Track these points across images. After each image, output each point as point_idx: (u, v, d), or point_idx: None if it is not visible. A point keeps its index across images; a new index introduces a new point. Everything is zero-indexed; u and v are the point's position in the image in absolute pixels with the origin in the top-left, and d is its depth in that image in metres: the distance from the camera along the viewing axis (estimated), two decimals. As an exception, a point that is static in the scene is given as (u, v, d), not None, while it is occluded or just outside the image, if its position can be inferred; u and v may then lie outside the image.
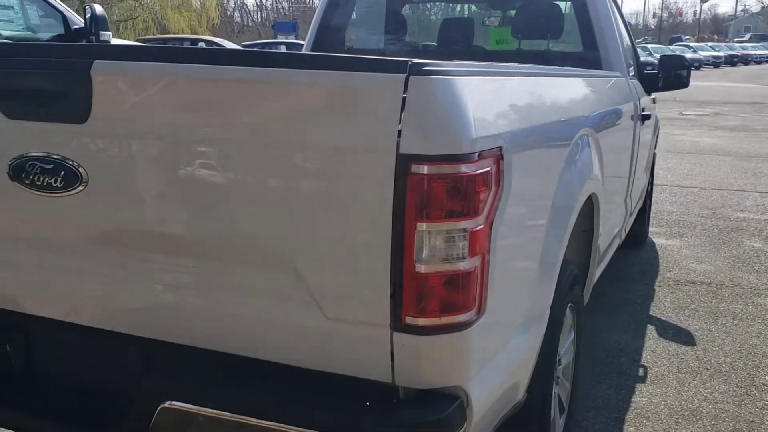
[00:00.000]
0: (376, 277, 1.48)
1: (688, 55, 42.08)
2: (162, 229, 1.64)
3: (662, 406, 3.14)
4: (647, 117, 4.04)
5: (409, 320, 1.49)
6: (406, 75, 1.44)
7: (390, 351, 1.51)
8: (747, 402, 3.19)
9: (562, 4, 3.91)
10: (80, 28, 5.25)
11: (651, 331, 4.00)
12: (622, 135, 3.41)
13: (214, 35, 31.87)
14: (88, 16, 5.17)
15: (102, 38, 5.18)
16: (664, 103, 20.23)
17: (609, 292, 4.58)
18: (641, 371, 3.49)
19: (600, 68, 3.68)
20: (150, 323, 1.73)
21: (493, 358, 1.70)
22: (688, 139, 12.72)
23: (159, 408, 1.61)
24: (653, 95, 5.07)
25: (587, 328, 3.93)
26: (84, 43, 5.18)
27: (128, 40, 27.19)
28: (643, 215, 5.50)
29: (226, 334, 1.65)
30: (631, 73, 4.38)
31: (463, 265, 1.50)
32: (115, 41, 7.25)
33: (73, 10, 5.30)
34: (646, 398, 3.21)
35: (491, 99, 1.62)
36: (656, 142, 5.70)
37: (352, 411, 1.51)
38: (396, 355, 1.51)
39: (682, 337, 3.92)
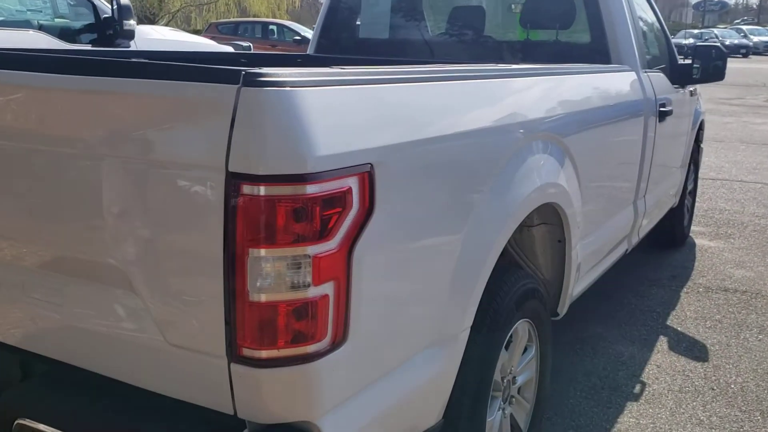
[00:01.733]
0: (210, 306, 1.38)
1: (735, 40, 38.99)
2: (12, 241, 1.61)
3: (649, 429, 2.91)
4: (667, 113, 3.74)
5: (246, 352, 1.38)
6: (238, 86, 1.32)
7: (229, 383, 1.41)
8: (746, 428, 2.93)
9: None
10: (109, 17, 5.32)
11: (662, 343, 3.73)
12: (620, 134, 3.16)
13: (298, 19, 32.11)
14: (114, 6, 5.24)
15: (125, 27, 5.23)
16: (750, 89, 19.15)
17: (627, 298, 4.32)
18: (638, 388, 3.26)
19: (608, 60, 3.44)
20: (19, 333, 1.69)
21: (366, 387, 1.57)
22: (768, 129, 11.96)
23: (15, 423, 1.57)
24: (692, 87, 4.74)
25: (593, 337, 3.72)
26: (110, 32, 5.26)
27: (210, 21, 27.70)
28: (680, 215, 5.16)
29: (83, 350, 1.60)
30: (659, 65, 4.09)
31: (311, 293, 1.38)
32: (159, 28, 7.36)
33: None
34: (634, 419, 2.99)
35: (354, 110, 1.47)
36: (699, 135, 5.33)
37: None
38: (235, 387, 1.41)
39: (696, 351, 3.65)
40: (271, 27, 21.53)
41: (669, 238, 5.20)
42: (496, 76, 2.07)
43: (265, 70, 1.35)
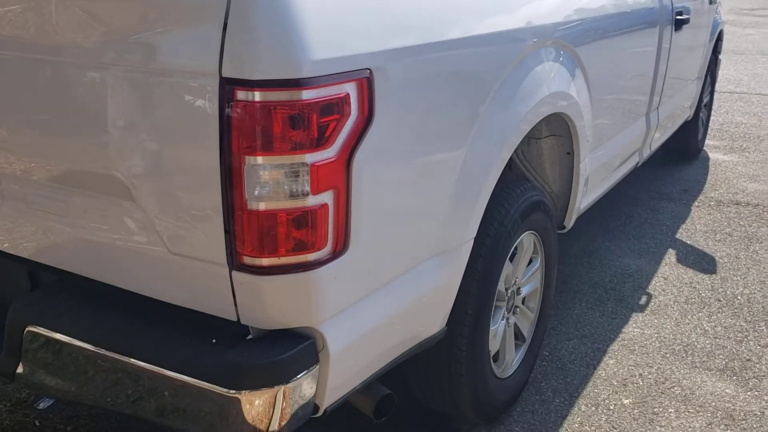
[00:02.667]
0: (209, 214, 1.38)
1: None
2: (13, 153, 1.61)
3: (653, 339, 2.95)
4: (683, 21, 3.62)
5: (247, 260, 1.39)
6: (230, -11, 1.28)
7: (231, 290, 1.43)
8: (750, 338, 2.96)
9: None
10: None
11: (670, 256, 3.74)
12: (634, 44, 3.07)
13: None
14: None
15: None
16: (775, -1, 18.49)
17: (637, 212, 4.31)
18: (644, 299, 3.29)
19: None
20: (26, 245, 1.71)
21: (368, 296, 1.59)
22: (792, 40, 11.61)
23: (26, 330, 1.60)
24: (712, -6, 4.58)
25: (601, 250, 3.74)
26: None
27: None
28: (695, 128, 5.08)
29: (88, 261, 1.61)
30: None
31: (310, 201, 1.37)
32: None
33: None
34: (638, 329, 3.03)
35: (353, 13, 1.43)
36: (717, 46, 5.18)
37: (191, 347, 1.46)
38: (237, 294, 1.43)
39: (704, 264, 3.65)
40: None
41: (682, 152, 5.15)
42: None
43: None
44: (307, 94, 1.32)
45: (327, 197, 1.39)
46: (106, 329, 1.54)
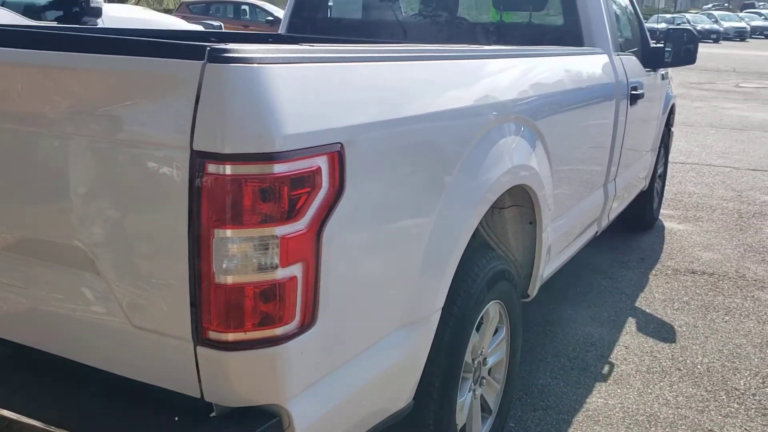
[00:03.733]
0: (175, 288, 1.36)
1: (706, 26, 38.98)
2: None
3: (617, 409, 2.95)
4: (638, 96, 3.76)
5: (213, 334, 1.36)
6: (203, 62, 1.29)
7: (195, 366, 1.39)
8: (711, 408, 2.98)
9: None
10: (76, -7, 5.20)
11: (630, 324, 3.77)
12: (591, 117, 3.17)
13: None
14: (80, -19, 5.12)
15: (92, 4, 5.12)
16: (720, 74, 19.37)
17: (597, 280, 4.36)
18: (606, 369, 3.30)
19: (581, 43, 3.44)
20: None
21: (335, 370, 1.56)
22: (738, 114, 12.10)
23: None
24: (664, 71, 4.76)
25: (563, 319, 3.75)
26: (76, 9, 5.14)
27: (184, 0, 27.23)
28: (650, 198, 5.21)
29: (47, 334, 1.56)
30: (632, 48, 4.11)
31: (279, 274, 1.35)
32: (127, 6, 7.21)
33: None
34: (602, 399, 3.02)
35: (325, 88, 1.45)
36: (670, 119, 5.37)
37: (152, 425, 1.40)
38: (202, 370, 1.39)
39: (663, 332, 3.69)
40: (243, 7, 21.23)
41: (639, 221, 5.25)
42: (468, 57, 2.05)
43: (231, 45, 1.32)
44: (279, 168, 1.31)
45: (296, 270, 1.38)
46: (61, 406, 1.48)
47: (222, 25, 13.31)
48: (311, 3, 4.25)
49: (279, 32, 4.27)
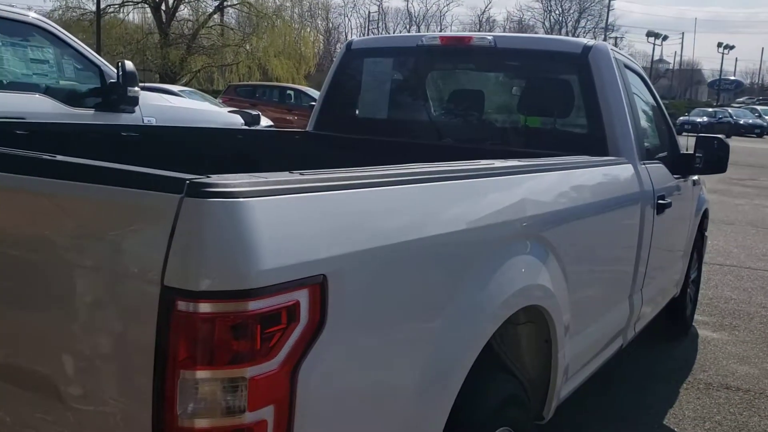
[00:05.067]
0: (137, 428, 1.28)
1: (749, 120, 37.75)
2: None
3: None
4: (666, 206, 3.66)
5: (175, 479, 1.27)
6: (180, 195, 1.25)
7: None
8: None
9: (573, 80, 3.64)
10: (115, 82, 5.37)
11: (657, 445, 3.56)
12: (614, 231, 3.08)
13: (317, 84, 32.80)
14: (119, 72, 5.29)
15: (130, 93, 5.27)
16: (764, 170, 19.08)
17: (624, 394, 4.16)
18: (629, 496, 3.08)
19: (606, 151, 3.38)
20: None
21: None
22: (780, 213, 11.82)
23: None
24: (694, 177, 4.67)
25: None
26: (114, 97, 5.29)
27: (233, 82, 28.26)
28: (683, 305, 5.02)
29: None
30: (660, 154, 4.04)
31: (247, 419, 1.28)
32: (167, 96, 7.42)
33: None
34: None
35: (309, 220, 1.40)
36: (703, 223, 5.23)
37: None
38: None
39: (692, 456, 3.47)
40: (288, 92, 21.85)
41: (670, 329, 5.06)
42: (471, 176, 1.99)
43: (212, 178, 1.29)
44: (254, 305, 1.26)
45: (266, 413, 1.30)
46: None
47: (260, 114, 13.64)
48: (340, 102, 4.30)
49: (307, 129, 4.31)
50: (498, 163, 2.23)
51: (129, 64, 5.33)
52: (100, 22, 27.89)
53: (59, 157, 1.43)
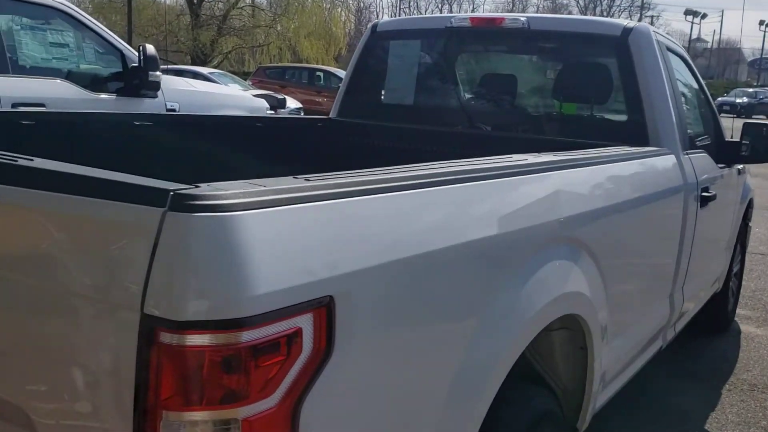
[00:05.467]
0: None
1: None
2: None
3: None
4: (710, 198, 3.42)
5: None
6: (164, 209, 1.09)
7: None
8: None
9: (611, 64, 3.41)
10: (137, 66, 5.24)
11: (698, 453, 3.36)
12: (655, 228, 2.86)
13: (346, 64, 32.58)
14: (140, 56, 5.16)
15: (151, 78, 5.14)
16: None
17: (659, 394, 3.95)
18: None
19: (646, 141, 3.16)
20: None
21: None
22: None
23: None
24: (739, 165, 4.40)
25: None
26: (136, 82, 5.17)
27: (263, 64, 28.16)
28: (724, 299, 4.78)
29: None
30: (703, 143, 3.79)
31: (242, 462, 1.12)
32: (189, 79, 7.30)
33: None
34: None
35: (313, 234, 1.23)
36: (747, 213, 4.96)
37: None
38: None
39: (736, 465, 3.26)
40: (317, 73, 21.67)
41: (711, 325, 4.82)
42: (504, 175, 1.81)
43: (200, 188, 1.12)
44: (248, 336, 1.10)
45: (265, 455, 1.14)
46: None
47: (286, 98, 13.50)
48: (364, 86, 4.11)
49: (330, 115, 4.14)
50: (531, 159, 2.03)
51: (150, 48, 5.19)
52: (131, 3, 27.92)
53: (21, 161, 1.27)
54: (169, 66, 20.30)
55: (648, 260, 2.89)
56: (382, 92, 4.11)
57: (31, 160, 1.30)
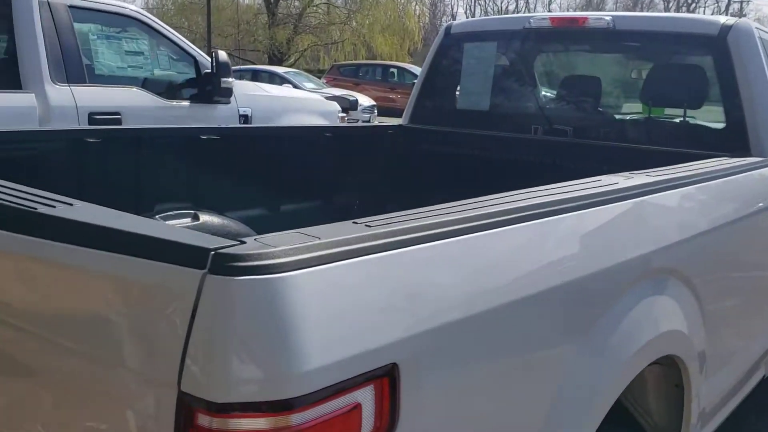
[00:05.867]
0: None
1: None
2: None
3: None
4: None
5: None
6: (204, 271, 0.95)
7: None
8: None
9: (707, 66, 3.12)
10: (210, 73, 5.22)
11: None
12: (762, 252, 2.58)
13: (422, 59, 32.36)
14: (213, 62, 5.12)
15: (223, 85, 5.10)
16: None
17: (763, 429, 3.62)
18: None
19: (747, 151, 2.87)
20: None
21: None
22: None
23: None
24: None
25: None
26: (209, 88, 5.14)
27: (337, 61, 28.32)
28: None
29: None
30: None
31: None
32: (263, 84, 7.28)
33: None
34: None
35: (371, 292, 1.07)
36: None
37: None
38: None
39: None
40: (391, 70, 21.57)
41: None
42: (591, 205, 1.60)
43: (246, 245, 0.98)
44: (299, 418, 0.95)
45: None
46: None
47: (357, 99, 13.43)
48: (437, 91, 3.94)
49: (402, 122, 3.99)
50: (622, 182, 1.82)
51: (222, 54, 5.15)
52: (210, 3, 28.49)
53: (42, 210, 1.15)
54: (244, 66, 20.58)
55: (751, 286, 2.62)
56: (457, 97, 3.93)
57: (71, 204, 1.19)
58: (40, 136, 2.72)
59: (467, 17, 46.10)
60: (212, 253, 0.96)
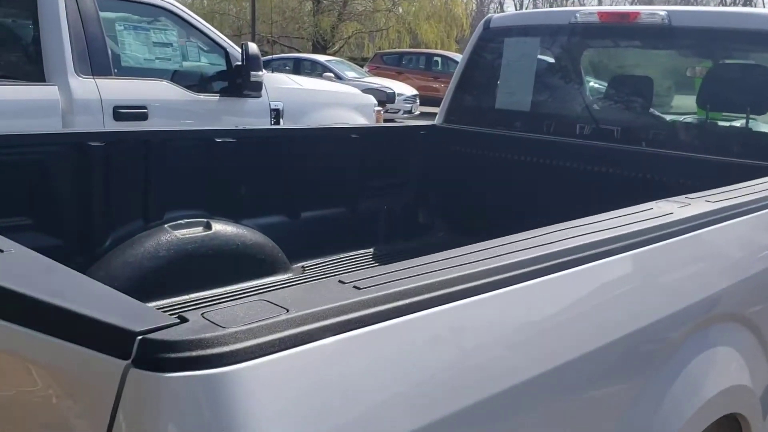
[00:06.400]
0: None
1: None
2: None
3: None
4: None
5: None
6: (127, 362, 0.74)
7: None
8: None
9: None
10: (241, 65, 5.03)
11: None
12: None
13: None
14: (243, 55, 4.93)
15: (252, 78, 4.90)
16: None
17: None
18: None
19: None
20: None
21: None
22: None
23: None
24: None
25: None
26: (239, 81, 4.95)
27: (382, 49, 28.06)
28: None
29: None
30: None
31: None
32: (295, 76, 7.08)
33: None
34: None
35: (360, 380, 0.83)
36: None
37: None
38: None
39: None
40: (435, 58, 21.20)
41: None
42: (636, 244, 1.33)
43: (181, 329, 0.76)
44: None
45: None
46: None
47: (395, 92, 13.13)
48: (474, 89, 3.68)
49: (436, 122, 3.74)
50: (677, 212, 1.55)
51: (253, 47, 4.95)
52: (255, -9, 28.43)
53: None
54: (287, 55, 20.42)
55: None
56: (495, 96, 3.66)
57: None
58: (45, 140, 2.55)
59: (516, 6, 45.21)
60: (138, 338, 0.74)
